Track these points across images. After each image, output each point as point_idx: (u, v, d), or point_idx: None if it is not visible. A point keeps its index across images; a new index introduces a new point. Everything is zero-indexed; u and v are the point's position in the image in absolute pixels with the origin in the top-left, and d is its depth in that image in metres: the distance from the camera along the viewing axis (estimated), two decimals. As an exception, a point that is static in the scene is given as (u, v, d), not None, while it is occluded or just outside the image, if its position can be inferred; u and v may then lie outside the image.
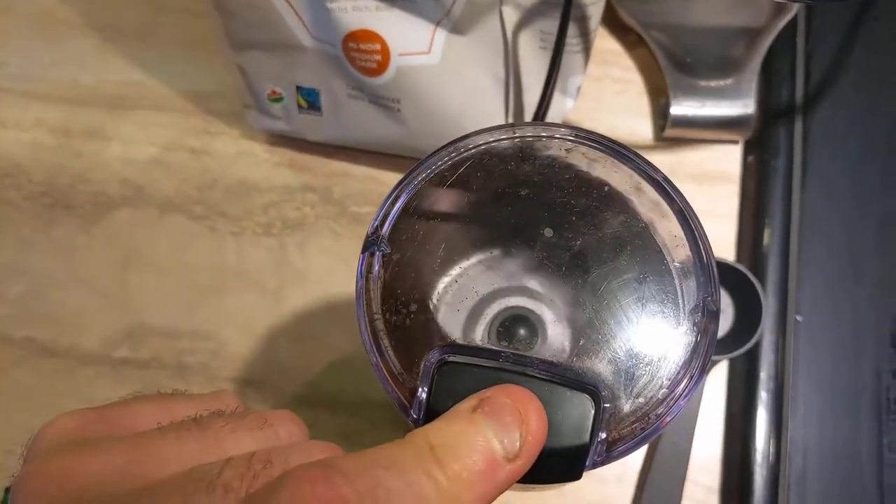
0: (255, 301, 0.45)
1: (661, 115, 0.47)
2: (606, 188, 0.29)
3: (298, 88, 0.44)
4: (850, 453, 0.44)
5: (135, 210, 0.47)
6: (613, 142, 0.30)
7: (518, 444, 0.21)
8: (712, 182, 0.46)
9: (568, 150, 0.30)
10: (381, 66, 0.41)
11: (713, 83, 0.46)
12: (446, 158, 0.30)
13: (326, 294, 0.45)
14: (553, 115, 0.45)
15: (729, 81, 0.46)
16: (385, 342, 0.27)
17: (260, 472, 0.19)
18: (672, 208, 0.28)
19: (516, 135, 0.30)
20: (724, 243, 0.46)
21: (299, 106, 0.45)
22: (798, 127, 0.47)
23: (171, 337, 0.45)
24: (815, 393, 0.44)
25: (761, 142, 0.47)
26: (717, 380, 0.44)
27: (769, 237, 0.45)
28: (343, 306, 0.45)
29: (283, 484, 0.18)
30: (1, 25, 0.52)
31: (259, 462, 0.19)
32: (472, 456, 0.20)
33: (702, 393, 0.44)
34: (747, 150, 0.47)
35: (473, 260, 0.28)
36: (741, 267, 0.44)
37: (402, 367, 0.27)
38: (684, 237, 0.28)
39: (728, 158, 0.47)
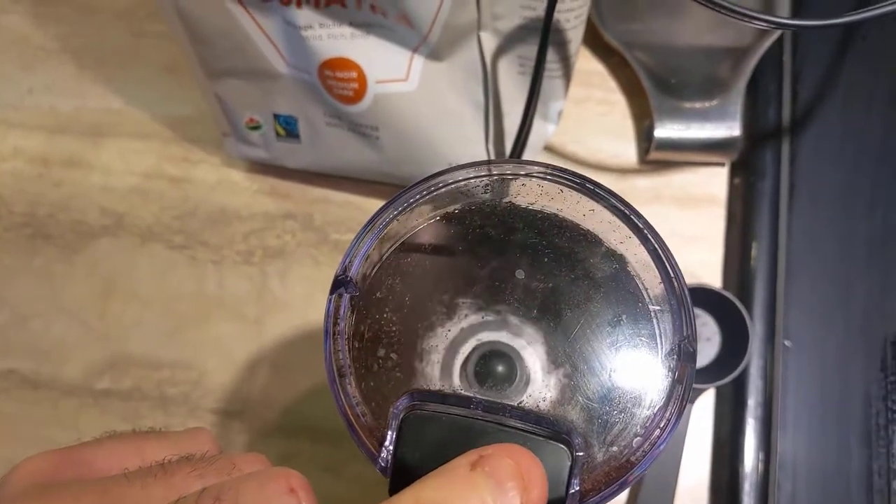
0: (235, 330, 0.44)
1: (645, 138, 0.45)
2: (580, 228, 0.27)
3: (276, 116, 0.43)
4: (839, 479, 0.42)
5: (115, 239, 0.46)
6: (588, 180, 0.28)
7: None
8: (698, 205, 0.45)
9: (541, 187, 0.28)
10: (358, 94, 0.39)
11: (698, 105, 0.44)
12: (417, 197, 0.28)
13: (307, 322, 0.44)
14: (534, 141, 0.43)
15: (714, 103, 0.44)
16: (353, 388, 0.26)
17: None
18: (647, 248, 0.27)
19: (493, 173, 0.29)
20: (710, 267, 0.44)
21: (277, 134, 0.44)
22: (785, 148, 0.46)
23: (152, 367, 0.44)
24: (804, 419, 0.43)
25: (748, 164, 0.46)
26: (705, 406, 0.43)
27: (756, 261, 0.44)
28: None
29: None
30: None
31: (208, 498, 0.18)
32: None
33: (688, 420, 0.43)
34: (733, 173, 0.46)
35: (446, 299, 0.27)
36: (727, 293, 0.42)
37: (372, 414, 0.26)
38: (660, 278, 0.27)
39: (714, 181, 0.45)
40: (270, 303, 0.44)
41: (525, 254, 0.27)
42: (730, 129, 0.44)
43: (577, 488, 0.24)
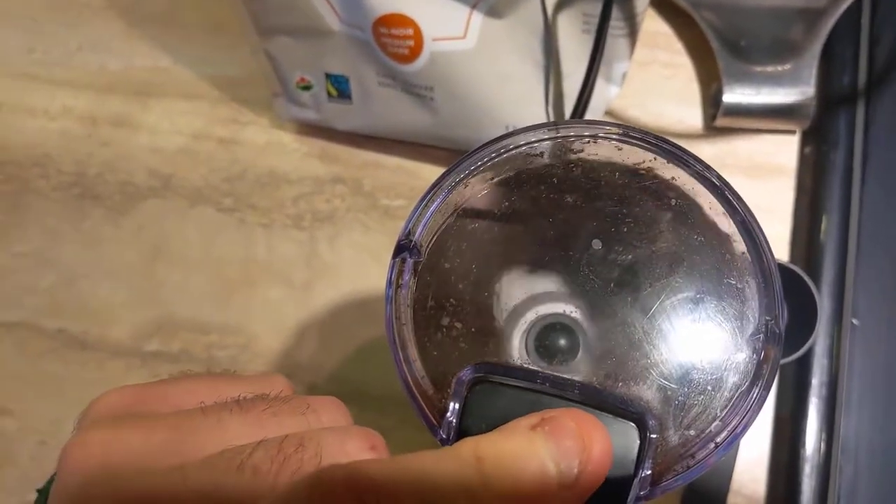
0: (284, 294, 0.43)
1: (712, 103, 0.43)
2: (661, 196, 0.25)
3: (327, 76, 0.41)
4: (906, 466, 0.40)
5: (163, 201, 0.45)
6: (668, 142, 0.26)
7: (575, 472, 0.18)
8: (766, 175, 0.42)
9: (619, 150, 0.26)
10: (414, 53, 0.37)
11: (769, 68, 0.41)
12: (485, 160, 0.27)
13: (356, 289, 0.43)
14: (596, 104, 0.41)
15: (787, 67, 0.41)
16: (414, 355, 0.24)
17: (291, 455, 0.18)
18: (734, 219, 0.25)
19: (560, 134, 0.27)
20: (777, 241, 0.42)
21: (328, 94, 0.42)
22: (860, 117, 0.43)
23: (200, 330, 0.43)
24: (869, 400, 0.40)
25: (820, 132, 0.43)
26: (767, 385, 0.41)
27: (826, 235, 0.41)
28: (372, 302, 0.42)
29: (305, 485, 0.17)
30: (24, 11, 0.49)
31: (291, 445, 0.18)
32: (523, 475, 0.18)
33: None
34: (804, 141, 0.43)
35: (513, 269, 0.25)
36: (795, 267, 0.40)
37: (433, 383, 0.24)
38: (747, 252, 0.25)
39: (783, 150, 0.43)
40: (319, 268, 0.43)
41: (599, 222, 0.25)
42: (803, 94, 0.41)
43: (649, 472, 0.23)
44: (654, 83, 0.44)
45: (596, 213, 0.25)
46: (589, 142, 0.26)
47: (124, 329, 0.44)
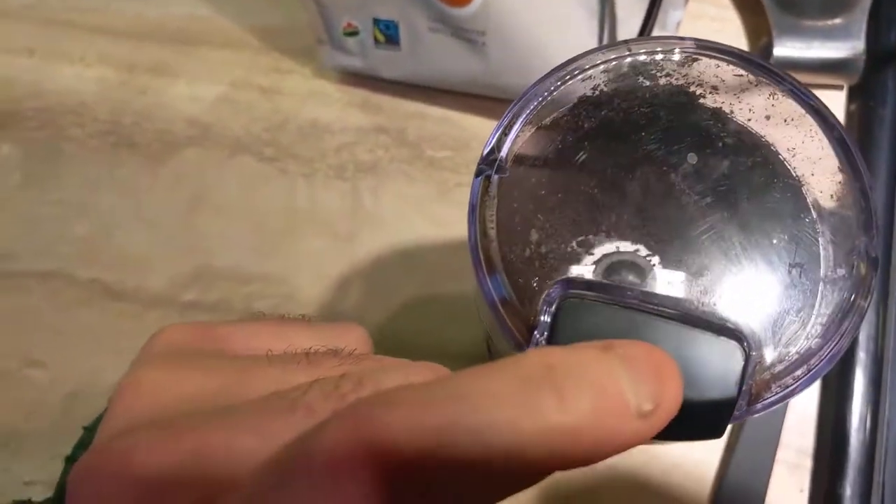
0: (327, 245, 0.41)
1: (761, 57, 0.42)
2: (755, 111, 0.24)
3: (376, 21, 0.40)
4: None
5: (202, 150, 0.43)
6: (751, 55, 0.25)
7: (653, 402, 0.15)
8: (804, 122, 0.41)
9: (693, 66, 0.25)
10: (468, -5, 0.36)
11: (819, 22, 0.41)
12: (559, 83, 0.26)
13: (400, 240, 0.41)
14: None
15: (837, 21, 0.41)
16: (502, 273, 0.23)
17: (348, 393, 0.16)
18: (831, 136, 0.24)
19: (631, 51, 0.26)
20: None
21: (376, 40, 0.41)
22: (906, 73, 0.42)
23: (240, 281, 0.41)
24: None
25: (867, 88, 0.42)
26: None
27: (873, 194, 0.41)
28: (417, 254, 0.41)
29: (328, 427, 0.13)
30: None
31: (349, 383, 0.16)
32: (599, 389, 0.14)
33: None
34: (851, 97, 0.42)
35: (596, 192, 0.24)
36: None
37: (519, 302, 0.23)
38: (842, 170, 0.24)
39: (831, 105, 0.41)
40: (363, 219, 0.42)
41: (693, 138, 0.24)
42: (853, 49, 0.40)
43: (748, 389, 0.22)
44: (703, 37, 0.42)
45: (687, 130, 0.24)
46: (663, 59, 0.25)
47: (161, 279, 0.42)
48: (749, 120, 0.24)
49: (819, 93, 0.42)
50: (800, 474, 0.38)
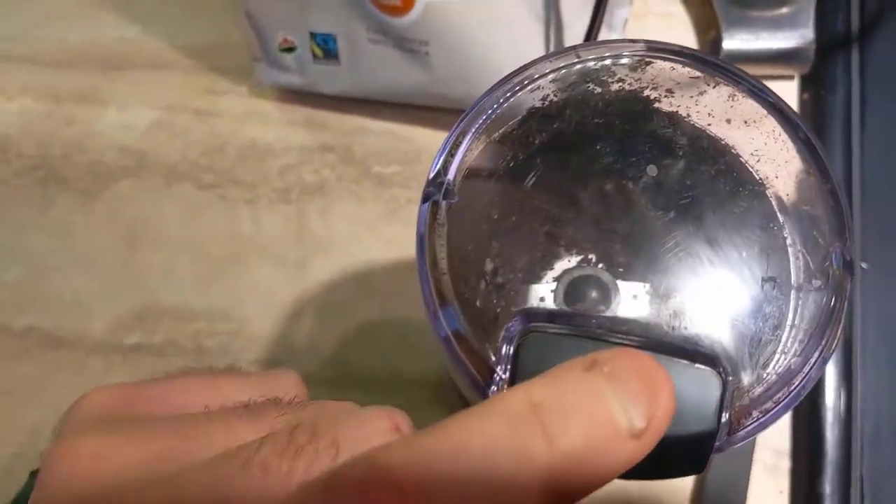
0: (275, 274, 0.39)
1: (710, 51, 0.40)
2: (714, 114, 0.23)
3: (313, 35, 0.38)
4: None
5: (137, 181, 0.41)
6: (706, 55, 0.24)
7: (645, 419, 0.14)
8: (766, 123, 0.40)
9: (646, 70, 0.23)
10: (407, 4, 0.34)
11: (767, 13, 0.39)
12: (508, 95, 0.24)
13: (352, 263, 0.39)
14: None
15: (784, 10, 0.39)
16: (455, 307, 0.21)
17: (304, 446, 0.15)
18: (793, 136, 0.22)
19: (581, 57, 0.24)
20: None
21: (314, 55, 0.38)
22: (855, 59, 0.41)
23: (186, 318, 0.39)
24: (887, 346, 0.39)
25: (818, 76, 0.41)
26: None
27: (832, 180, 0.39)
28: (370, 277, 0.39)
29: (317, 490, 0.13)
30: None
31: (303, 434, 0.15)
32: (589, 420, 0.14)
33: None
34: (803, 87, 0.41)
35: (553, 211, 0.22)
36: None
37: (476, 338, 0.21)
38: (809, 172, 0.22)
39: (783, 95, 0.40)
40: (312, 243, 0.39)
41: (651, 149, 0.22)
42: (802, 38, 0.39)
43: (727, 418, 0.20)
44: (650, 34, 0.41)
45: (643, 141, 0.22)
46: (612, 64, 0.24)
47: (102, 322, 0.39)
48: (709, 124, 0.23)
49: (771, 84, 0.40)
50: (778, 476, 0.37)
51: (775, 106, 0.22)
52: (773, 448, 0.37)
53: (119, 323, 0.39)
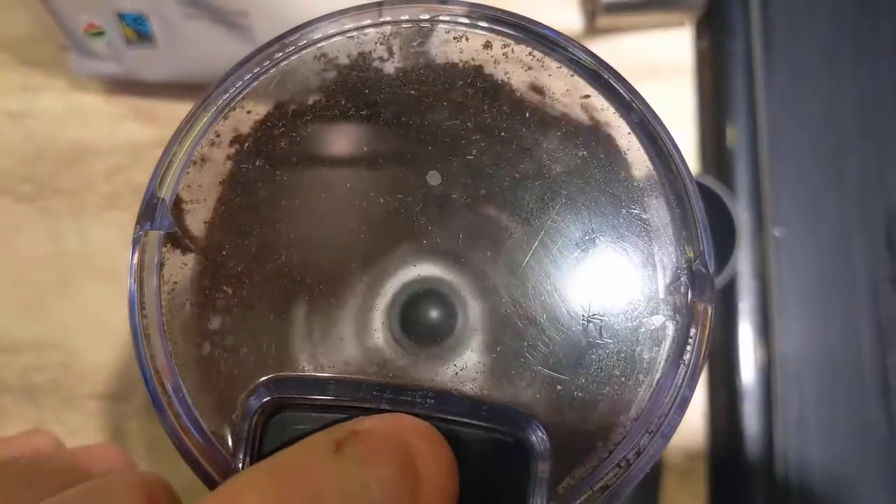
0: (110, 293, 0.33)
1: (589, 1, 0.34)
2: (525, 99, 0.16)
3: (121, 16, 0.31)
4: (851, 382, 0.33)
5: (-55, 197, 0.34)
6: (531, 22, 0.17)
7: (413, 493, 0.12)
8: (661, 78, 0.34)
9: (461, 41, 0.17)
10: (213, -31, 0.27)
11: (649, -49, 0.33)
12: (266, 64, 0.17)
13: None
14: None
15: (669, -54, 0.33)
16: (179, 385, 0.15)
17: None
18: (629, 121, 0.16)
19: (384, 18, 0.17)
20: (683, 151, 0.33)
21: (127, 39, 0.31)
22: (755, -1, 0.35)
23: (11, 351, 0.32)
24: (805, 317, 0.34)
25: (713, 21, 0.34)
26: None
27: (734, 138, 0.34)
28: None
29: None
30: None
31: None
32: None
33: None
34: (699, 34, 0.35)
35: (330, 225, 0.16)
36: (706, 181, 0.32)
37: (218, 417, 0.15)
38: (651, 167, 0.16)
39: (677, 47, 0.34)
40: (151, 255, 0.33)
41: (444, 145, 0.16)
42: (691, -23, 0.33)
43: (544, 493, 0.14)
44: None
45: (433, 133, 0.16)
46: (422, 28, 0.17)
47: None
48: (531, 107, 0.16)
49: (663, 34, 0.34)
50: (693, 482, 0.32)
51: (608, 83, 0.16)
52: (683, 449, 0.32)
53: (-60, 361, 0.33)
